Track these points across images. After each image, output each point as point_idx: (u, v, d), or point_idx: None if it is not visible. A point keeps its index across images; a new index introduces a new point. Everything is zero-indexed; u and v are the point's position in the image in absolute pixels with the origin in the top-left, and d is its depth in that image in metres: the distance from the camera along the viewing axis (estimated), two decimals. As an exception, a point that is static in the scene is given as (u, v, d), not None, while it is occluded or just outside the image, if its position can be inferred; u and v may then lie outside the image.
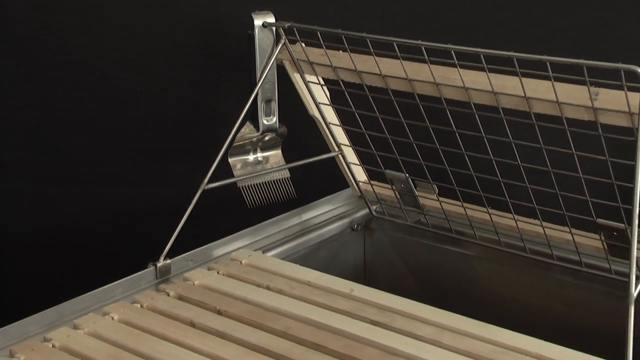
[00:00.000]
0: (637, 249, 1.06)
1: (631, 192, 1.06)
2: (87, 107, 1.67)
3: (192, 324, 1.19)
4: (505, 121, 1.23)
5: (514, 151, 1.24)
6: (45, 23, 1.61)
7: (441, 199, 1.45)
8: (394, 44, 1.25)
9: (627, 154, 1.09)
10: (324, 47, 1.35)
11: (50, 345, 1.14)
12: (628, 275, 1.04)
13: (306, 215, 1.55)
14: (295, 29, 1.37)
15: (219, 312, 1.22)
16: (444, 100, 1.28)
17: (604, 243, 1.28)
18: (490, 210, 1.38)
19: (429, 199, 1.47)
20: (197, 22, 1.66)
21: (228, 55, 1.65)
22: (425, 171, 1.40)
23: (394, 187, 1.50)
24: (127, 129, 1.70)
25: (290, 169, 1.52)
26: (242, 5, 1.46)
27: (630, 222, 1.07)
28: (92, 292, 1.24)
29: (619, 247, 1.26)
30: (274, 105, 1.47)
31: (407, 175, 1.45)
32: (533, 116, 1.20)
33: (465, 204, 1.41)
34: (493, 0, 1.70)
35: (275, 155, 1.52)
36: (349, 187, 1.59)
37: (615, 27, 1.69)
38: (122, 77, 1.67)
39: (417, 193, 1.48)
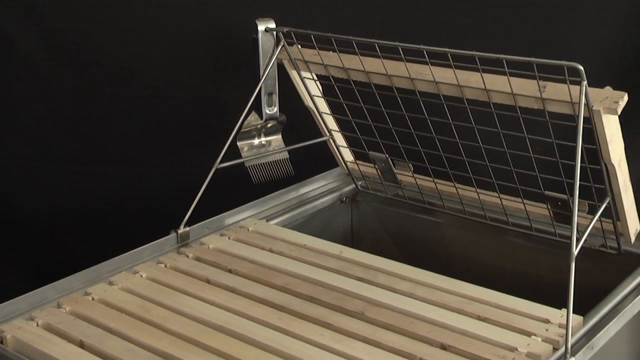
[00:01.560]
0: (578, 216, 1.07)
1: (573, 168, 1.06)
2: (118, 101, 1.66)
3: (208, 281, 1.20)
4: (468, 110, 1.22)
5: (476, 135, 1.24)
6: (83, 31, 1.60)
7: (416, 175, 1.45)
8: (376, 45, 1.25)
9: (570, 137, 1.10)
10: (317, 48, 1.34)
11: (90, 298, 1.15)
12: (570, 238, 1.04)
13: (302, 190, 1.55)
14: (292, 33, 1.37)
15: (229, 271, 1.23)
16: (417, 93, 1.27)
17: (550, 211, 1.29)
18: (457, 185, 1.39)
19: (406, 176, 1.47)
20: (210, 29, 1.66)
21: (236, 55, 1.65)
22: (402, 152, 1.40)
23: (376, 165, 1.50)
24: (152, 119, 1.70)
25: (289, 151, 1.52)
26: (248, 13, 1.45)
27: (572, 193, 1.07)
28: (124, 254, 1.25)
29: (563, 214, 1.27)
30: (275, 98, 1.47)
31: (387, 155, 1.45)
32: (492, 105, 1.20)
33: (435, 180, 1.41)
34: (458, 10, 1.70)
35: (276, 139, 1.52)
36: (338, 166, 1.59)
37: (560, 31, 1.69)
38: (147, 76, 1.66)
39: (395, 170, 1.48)
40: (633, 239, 1.25)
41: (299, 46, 1.38)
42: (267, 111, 1.48)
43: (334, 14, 1.68)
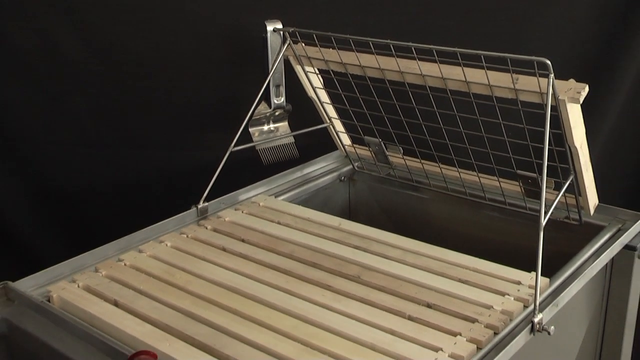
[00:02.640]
0: (545, 191, 1.07)
1: (541, 150, 1.06)
2: (146, 93, 1.66)
3: (224, 249, 1.20)
4: (451, 99, 1.22)
5: (458, 121, 1.24)
6: (117, 34, 1.60)
7: (405, 157, 1.45)
8: (370, 43, 1.24)
9: (539, 123, 1.10)
10: (319, 45, 1.34)
11: (123, 264, 1.16)
12: (539, 211, 1.05)
13: (306, 170, 1.54)
14: (297, 32, 1.36)
15: (243, 241, 1.23)
16: (406, 84, 1.27)
17: (522, 188, 1.29)
18: (441, 165, 1.38)
19: (396, 157, 1.47)
20: (225, 31, 1.65)
21: (248, 52, 1.64)
22: (393, 137, 1.40)
23: (370, 148, 1.50)
24: (174, 109, 1.69)
25: (294, 136, 1.51)
26: (258, 15, 1.45)
27: (540, 172, 1.07)
28: (151, 226, 1.25)
29: (533, 190, 1.27)
30: (282, 89, 1.47)
31: (380, 139, 1.45)
32: (471, 95, 1.20)
33: (422, 161, 1.41)
34: (443, 11, 1.69)
35: (283, 125, 1.52)
36: (337, 149, 1.59)
37: (529, 30, 1.69)
38: (171, 72, 1.65)
39: (387, 153, 1.48)
40: (592, 211, 1.25)
41: (303, 44, 1.38)
42: (275, 101, 1.47)
43: (333, 16, 1.67)
